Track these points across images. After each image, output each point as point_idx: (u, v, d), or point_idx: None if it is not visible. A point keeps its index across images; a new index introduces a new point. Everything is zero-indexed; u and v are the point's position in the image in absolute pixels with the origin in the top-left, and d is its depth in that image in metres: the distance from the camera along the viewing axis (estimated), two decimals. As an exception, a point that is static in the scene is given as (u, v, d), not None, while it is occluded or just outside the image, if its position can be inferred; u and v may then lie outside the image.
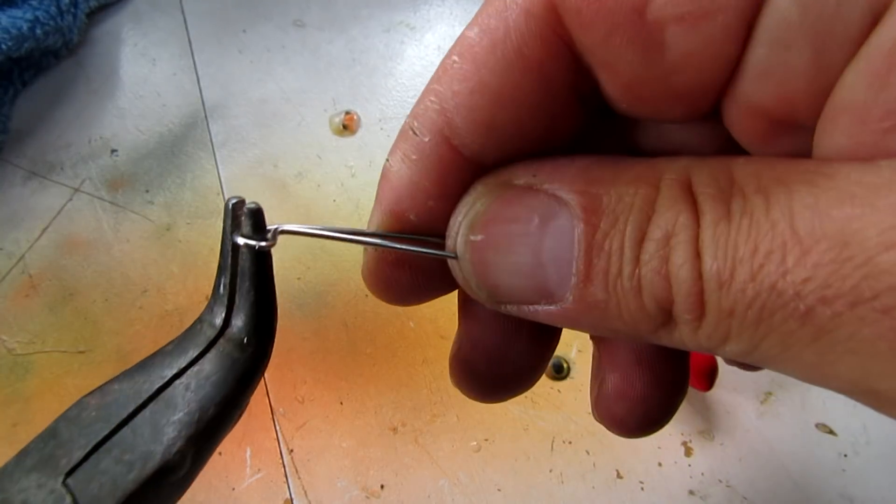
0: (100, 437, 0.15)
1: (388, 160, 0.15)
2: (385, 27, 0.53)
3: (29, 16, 0.44)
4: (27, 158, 0.46)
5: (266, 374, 0.38)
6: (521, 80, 0.13)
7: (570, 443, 0.37)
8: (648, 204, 0.12)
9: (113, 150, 0.47)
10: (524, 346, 0.18)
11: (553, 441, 0.37)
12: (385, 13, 0.54)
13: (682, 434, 0.37)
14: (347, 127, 0.48)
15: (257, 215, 0.16)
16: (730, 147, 0.14)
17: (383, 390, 0.38)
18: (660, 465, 0.37)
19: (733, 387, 0.38)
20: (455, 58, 0.13)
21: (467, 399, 0.20)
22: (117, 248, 0.43)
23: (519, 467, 0.36)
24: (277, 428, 0.37)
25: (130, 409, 0.16)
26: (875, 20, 0.10)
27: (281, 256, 0.43)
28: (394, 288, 0.17)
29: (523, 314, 0.14)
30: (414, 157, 0.15)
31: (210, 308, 0.17)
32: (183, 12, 0.54)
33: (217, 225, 0.44)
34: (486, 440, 0.37)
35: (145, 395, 0.16)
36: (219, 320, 0.17)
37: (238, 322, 0.17)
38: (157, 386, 0.16)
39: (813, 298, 0.10)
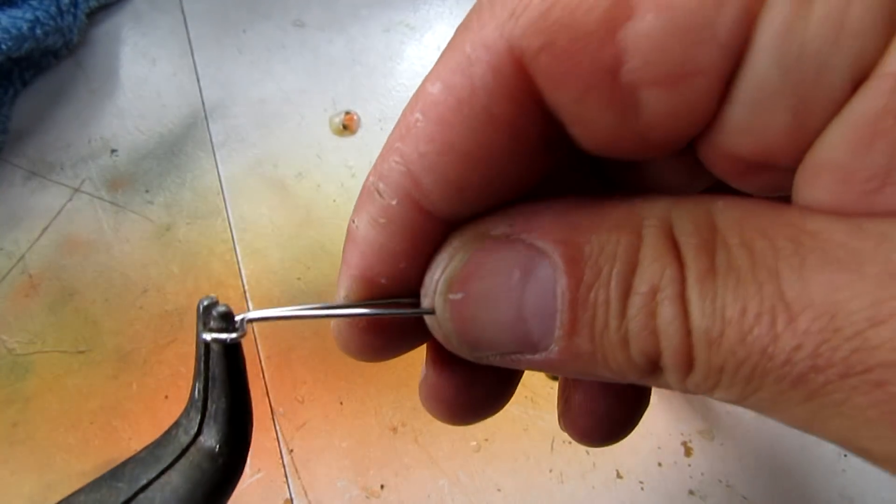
0: None
1: (353, 222, 0.15)
2: (385, 27, 0.53)
3: (29, 16, 0.44)
4: (27, 158, 0.46)
5: (266, 374, 0.38)
6: (490, 138, 0.12)
7: (570, 443, 0.37)
8: (632, 254, 0.12)
9: (113, 150, 0.47)
10: (493, 375, 0.18)
11: (553, 441, 0.37)
12: (385, 13, 0.54)
13: (682, 434, 0.37)
14: (347, 127, 0.48)
15: (227, 317, 0.15)
16: (704, 176, 0.14)
17: (383, 390, 0.38)
18: (660, 465, 0.37)
19: (733, 387, 0.38)
20: (418, 115, 0.13)
21: None
22: (117, 248, 0.43)
23: (519, 467, 0.36)
24: (277, 428, 0.37)
25: None
26: (856, 85, 0.10)
27: (281, 257, 0.43)
28: (368, 350, 0.17)
29: (506, 364, 0.14)
30: (382, 220, 0.14)
31: (186, 412, 0.17)
32: (183, 12, 0.54)
33: (217, 225, 0.44)
34: (486, 440, 0.37)
35: None
36: (193, 427, 0.16)
37: (210, 431, 0.16)
38: (122, 500, 0.15)
39: (804, 366, 0.10)
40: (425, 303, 0.14)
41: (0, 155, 0.45)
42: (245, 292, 0.41)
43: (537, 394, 0.38)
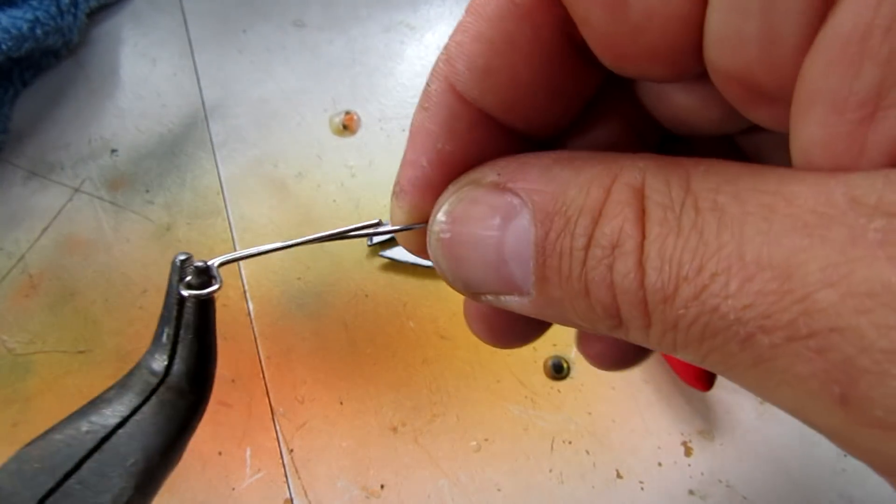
0: (45, 490, 0.15)
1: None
2: (385, 27, 0.53)
3: (29, 16, 0.44)
4: (27, 158, 0.46)
5: (266, 374, 0.38)
6: (513, 28, 0.14)
7: (570, 443, 0.37)
8: (597, 207, 0.12)
9: (113, 150, 0.47)
10: None
11: (553, 441, 0.37)
12: (385, 13, 0.54)
13: (682, 434, 0.38)
14: (347, 127, 0.48)
15: (204, 272, 0.16)
16: (736, 116, 0.14)
17: (383, 390, 0.38)
18: (660, 465, 0.37)
19: (733, 387, 0.38)
20: (464, 16, 0.15)
21: (467, 399, 0.20)
22: (117, 248, 0.43)
23: (519, 467, 0.36)
24: (277, 428, 0.37)
25: (75, 460, 0.16)
26: None
27: (281, 257, 0.43)
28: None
29: (499, 304, 0.15)
30: (425, 105, 0.15)
31: (151, 355, 0.18)
32: (183, 12, 0.54)
33: (217, 225, 0.44)
34: (486, 440, 0.37)
35: (90, 445, 0.16)
36: (159, 367, 0.17)
37: (179, 370, 0.17)
38: (100, 436, 0.16)
39: (753, 326, 0.10)
40: (427, 238, 0.16)
41: (0, 155, 0.45)
42: (245, 292, 0.41)
43: (537, 394, 0.38)
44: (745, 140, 0.17)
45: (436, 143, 0.15)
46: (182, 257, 0.16)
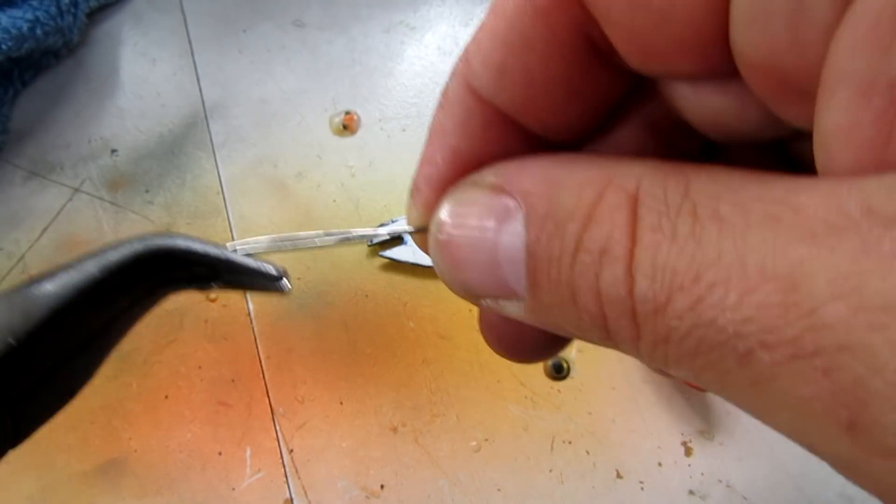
0: None
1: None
2: (385, 27, 0.53)
3: (29, 16, 0.44)
4: (27, 158, 0.46)
5: (266, 374, 0.38)
6: (530, 27, 0.14)
7: (570, 443, 0.37)
8: (587, 211, 0.12)
9: (113, 150, 0.47)
10: None
11: (553, 441, 0.37)
12: (385, 13, 0.54)
13: (682, 434, 0.38)
14: (347, 127, 0.48)
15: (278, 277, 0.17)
16: (774, 119, 0.13)
17: (383, 390, 0.38)
18: (660, 465, 0.37)
19: (733, 387, 0.38)
20: (485, 16, 0.15)
21: (467, 399, 0.20)
22: (117, 248, 0.43)
23: (519, 467, 0.36)
24: (277, 428, 0.37)
25: None
26: None
27: (281, 257, 0.43)
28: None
29: (499, 309, 0.14)
30: (443, 102, 0.16)
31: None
32: (183, 12, 0.54)
33: (217, 225, 0.44)
34: (486, 440, 0.37)
35: None
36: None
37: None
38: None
39: (753, 341, 0.09)
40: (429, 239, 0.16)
41: (0, 155, 0.45)
42: (245, 292, 0.41)
43: (537, 394, 0.38)
44: (798, 147, 0.16)
45: (451, 140, 0.15)
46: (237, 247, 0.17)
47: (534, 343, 0.19)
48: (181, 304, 0.41)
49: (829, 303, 0.09)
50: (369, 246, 0.42)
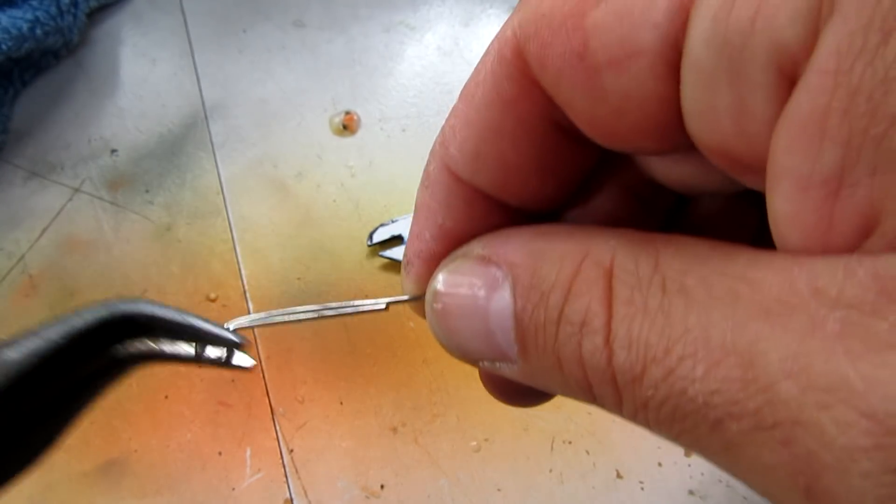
0: None
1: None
2: (385, 27, 0.53)
3: (29, 16, 0.44)
4: (27, 158, 0.46)
5: (266, 374, 0.38)
6: (499, 117, 0.14)
7: (570, 443, 0.37)
8: (567, 283, 0.13)
9: (113, 150, 0.47)
10: None
11: (553, 441, 0.37)
12: (385, 13, 0.54)
13: (682, 434, 0.38)
14: (347, 127, 0.48)
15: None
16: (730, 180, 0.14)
17: (383, 390, 0.38)
18: (660, 465, 0.37)
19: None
20: (457, 101, 0.15)
21: (467, 399, 0.21)
22: (117, 248, 0.43)
23: (519, 467, 0.36)
24: (277, 428, 0.37)
25: None
26: (788, 76, 0.10)
27: (281, 257, 0.43)
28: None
29: (495, 371, 0.15)
30: (426, 183, 0.17)
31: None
32: (183, 12, 0.54)
33: (217, 225, 0.44)
34: (486, 440, 0.37)
35: None
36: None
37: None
38: None
39: (721, 411, 0.10)
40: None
41: (0, 155, 0.46)
42: (245, 292, 0.41)
43: (537, 394, 0.38)
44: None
45: (437, 218, 0.16)
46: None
47: (533, 390, 0.20)
48: (181, 304, 0.41)
49: (781, 381, 0.10)
50: (369, 246, 0.42)
